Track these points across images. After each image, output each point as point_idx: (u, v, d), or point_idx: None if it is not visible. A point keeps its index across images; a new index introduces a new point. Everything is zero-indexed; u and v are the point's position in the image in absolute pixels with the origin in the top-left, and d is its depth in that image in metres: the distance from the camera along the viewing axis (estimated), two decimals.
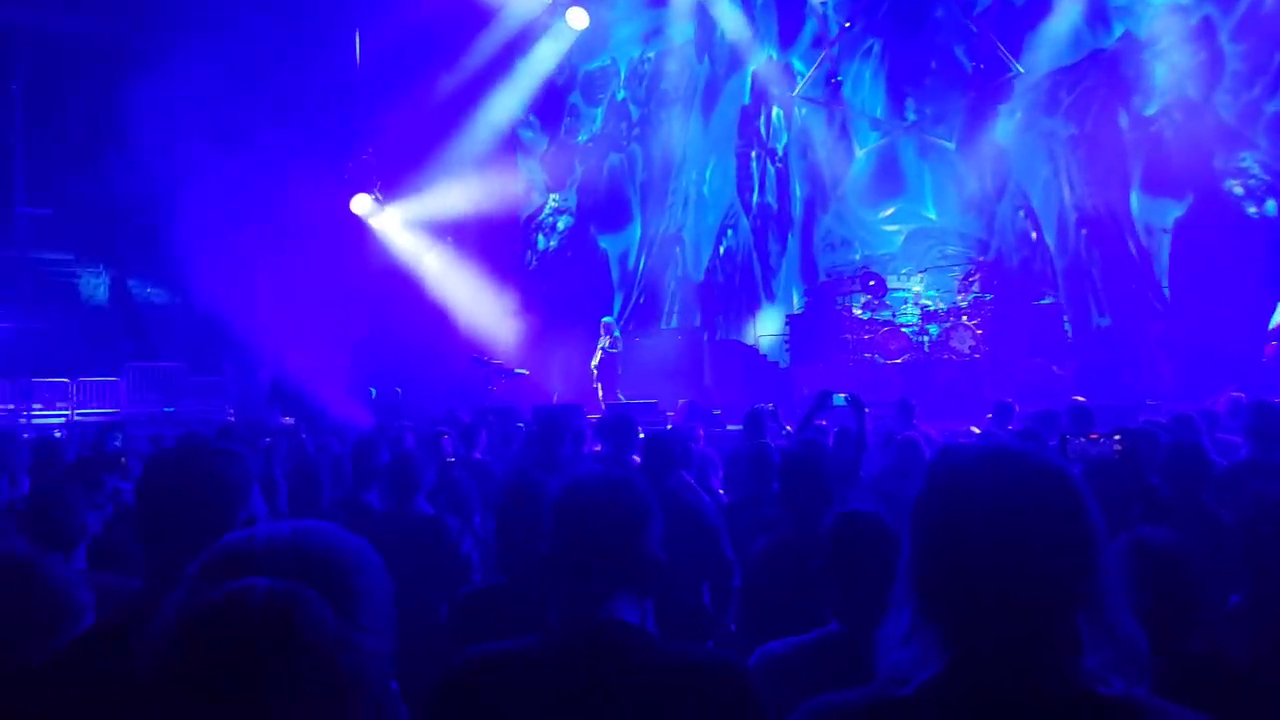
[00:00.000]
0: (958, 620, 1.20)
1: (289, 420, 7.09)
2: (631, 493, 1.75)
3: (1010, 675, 1.17)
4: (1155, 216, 14.81)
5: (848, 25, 16.51)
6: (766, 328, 16.68)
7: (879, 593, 2.19)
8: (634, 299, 17.89)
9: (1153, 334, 12.95)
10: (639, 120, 18.56)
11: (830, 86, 16.70)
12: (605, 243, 18.64)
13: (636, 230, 18.61)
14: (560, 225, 18.94)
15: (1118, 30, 15.33)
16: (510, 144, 17.81)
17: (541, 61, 17.18)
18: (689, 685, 1.58)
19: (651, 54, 18.40)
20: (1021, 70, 15.35)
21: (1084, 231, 15.32)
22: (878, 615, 2.15)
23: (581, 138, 18.77)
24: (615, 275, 18.59)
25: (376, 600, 1.04)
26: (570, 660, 1.61)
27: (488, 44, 16.04)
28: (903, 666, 1.23)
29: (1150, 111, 14.93)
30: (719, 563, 4.06)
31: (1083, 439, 3.58)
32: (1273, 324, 10.79)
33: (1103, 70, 15.35)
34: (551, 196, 18.75)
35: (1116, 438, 3.54)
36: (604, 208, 18.56)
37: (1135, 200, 15.01)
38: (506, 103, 16.94)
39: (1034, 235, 15.68)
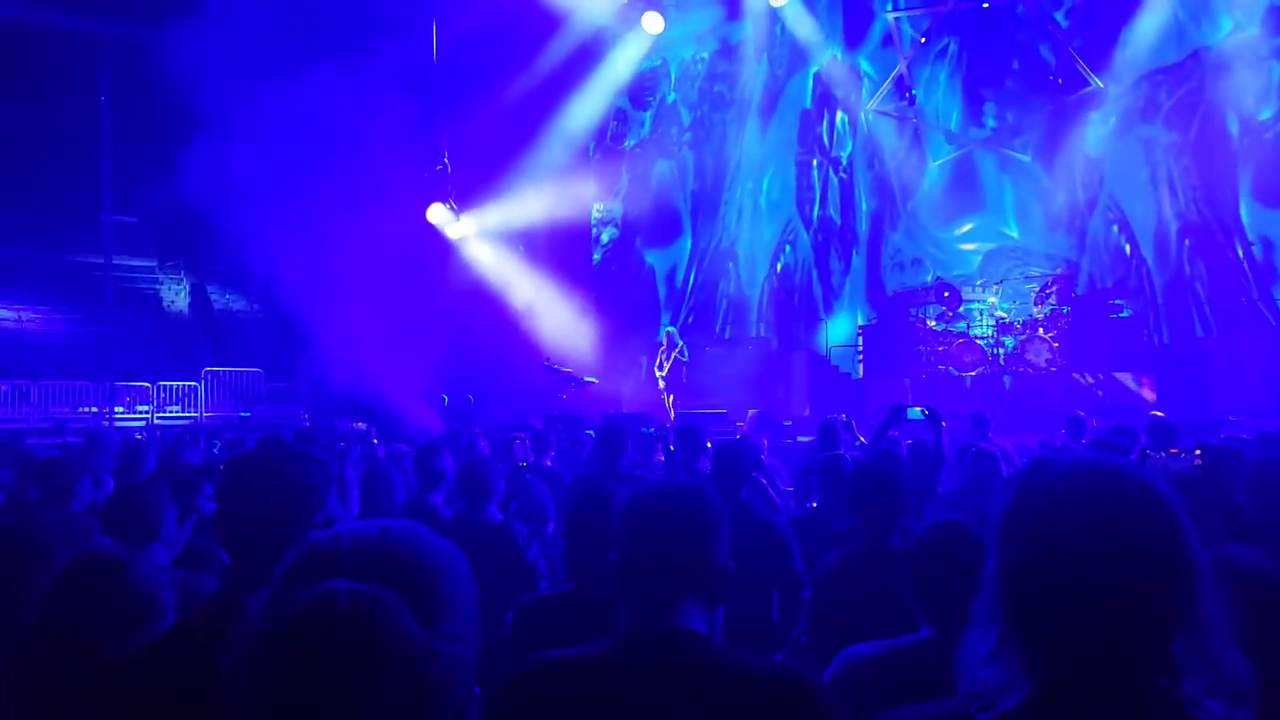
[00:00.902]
0: (1048, 641, 1.16)
1: (362, 426, 7.25)
2: (701, 501, 1.74)
3: (1104, 701, 1.13)
4: (1269, 226, 14.15)
5: (923, 40, 15.59)
6: (838, 337, 16.16)
7: (969, 601, 2.18)
8: (682, 319, 16.58)
9: (1246, 348, 12.45)
10: (691, 125, 17.51)
11: (904, 100, 15.82)
12: (652, 257, 17.70)
13: (686, 244, 17.55)
14: (604, 238, 17.89)
15: (1225, 25, 14.40)
16: (583, 152, 17.11)
17: (618, 68, 16.55)
18: (756, 695, 1.57)
19: (705, 54, 17.31)
20: (1101, 85, 14.66)
21: (1187, 242, 14.65)
22: (966, 624, 2.13)
23: (629, 143, 17.70)
24: (662, 293, 17.61)
25: (462, 605, 1.04)
26: (636, 667, 1.60)
27: (560, 49, 15.63)
28: (988, 685, 1.19)
29: (1266, 115, 14.20)
30: (789, 575, 4.03)
31: (1163, 454, 3.47)
32: None
33: (1209, 71, 14.47)
34: (595, 206, 17.71)
35: (1198, 452, 3.43)
36: (652, 219, 17.50)
37: (1245, 209, 14.34)
38: (581, 110, 16.34)
39: (1128, 249, 14.98)
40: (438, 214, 14.99)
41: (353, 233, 12.68)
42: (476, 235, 15.58)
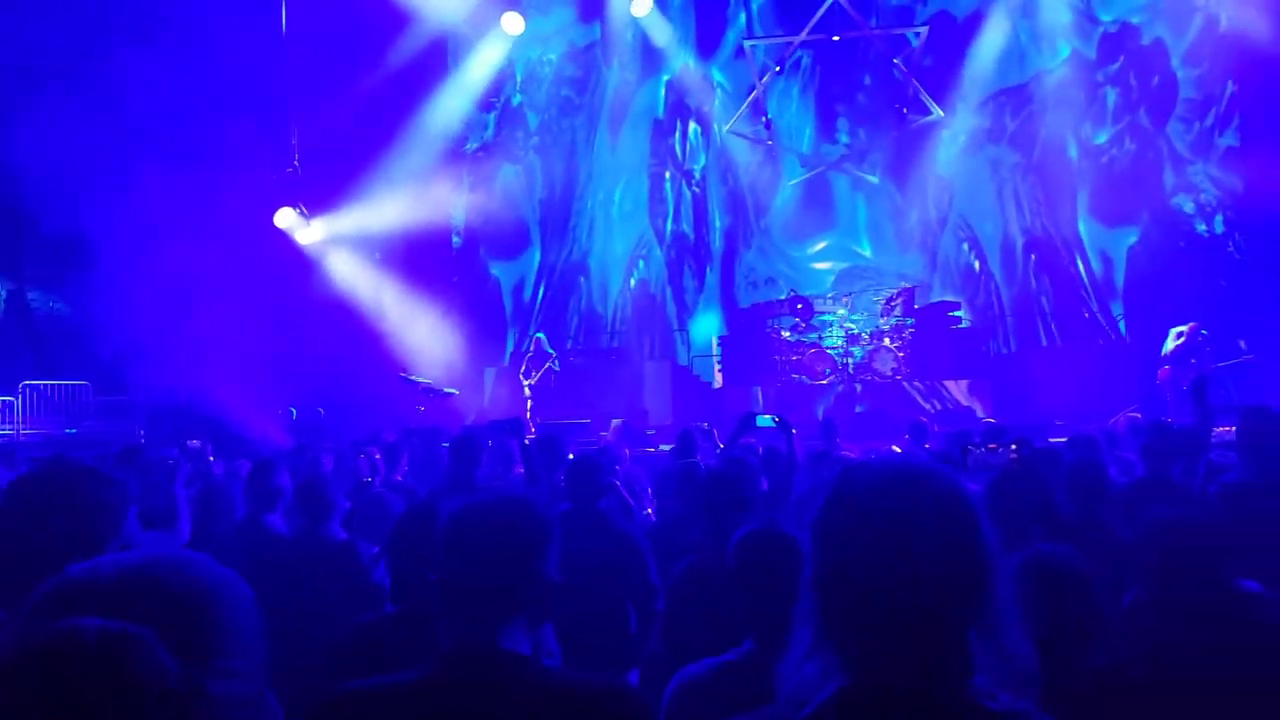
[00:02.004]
0: (854, 639, 1.20)
1: (196, 443, 6.87)
2: (525, 514, 1.68)
3: (903, 692, 1.18)
4: (1108, 244, 15.09)
5: (778, 70, 15.79)
6: (697, 347, 16.17)
7: (788, 610, 2.21)
8: (529, 339, 15.06)
9: (1084, 358, 13.39)
10: (538, 130, 16.73)
11: (760, 122, 15.97)
12: (498, 269, 16.92)
13: (535, 256, 16.80)
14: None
15: (1063, 50, 15.22)
16: (442, 155, 16.11)
17: (477, 69, 15.90)
18: (575, 714, 1.54)
19: (552, 56, 16.62)
20: (942, 114, 15.31)
21: (1033, 258, 15.46)
22: (787, 633, 2.15)
23: (470, 146, 16.68)
24: (509, 306, 16.86)
25: (243, 640, 0.97)
26: (452, 692, 1.55)
27: (415, 47, 14.95)
28: (803, 687, 1.23)
29: (1102, 140, 15.14)
30: (644, 586, 4.04)
31: (982, 449, 3.70)
32: (1165, 350, 11.28)
33: (1049, 94, 15.25)
34: (453, 212, 16.73)
35: (1014, 447, 3.66)
36: (497, 229, 16.63)
37: (1084, 227, 15.24)
38: (439, 112, 15.68)
39: (977, 265, 15.64)
40: (286, 218, 14.38)
41: (194, 236, 12.00)
42: (329, 241, 15.00)
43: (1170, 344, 11.32)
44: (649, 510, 5.95)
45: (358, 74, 14.31)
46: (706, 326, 16.45)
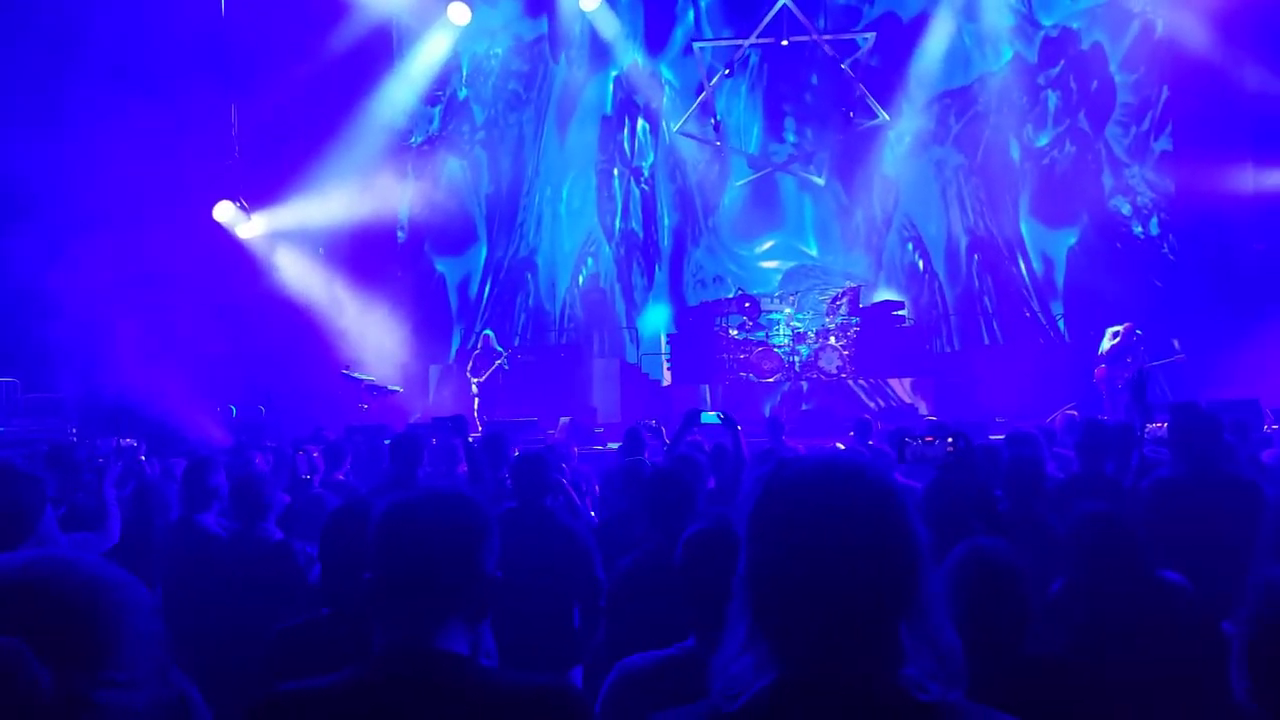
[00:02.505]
0: (786, 632, 1.21)
1: (129, 441, 6.66)
2: (462, 510, 1.63)
3: (834, 685, 1.19)
4: (1049, 245, 15.37)
5: (727, 73, 15.73)
6: (646, 344, 16.18)
7: (724, 604, 2.21)
8: (477, 336, 14.82)
9: (1024, 356, 13.67)
10: (484, 124, 16.46)
11: (708, 121, 15.96)
12: (443, 265, 16.57)
13: (481, 252, 16.57)
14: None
15: (1006, 54, 15.45)
16: (387, 148, 15.70)
17: (422, 60, 15.55)
18: (514, 714, 1.51)
19: (499, 50, 16.32)
20: (888, 118, 15.44)
21: (976, 258, 15.69)
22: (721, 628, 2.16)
23: (415, 140, 16.26)
24: (454, 303, 16.56)
25: (137, 646, 0.90)
26: (386, 694, 1.50)
27: (360, 37, 14.55)
28: (736, 680, 1.23)
29: (1043, 142, 15.41)
30: (589, 583, 4.03)
31: (919, 441, 3.76)
32: (1102, 349, 11.60)
33: (992, 96, 15.48)
34: (400, 207, 16.30)
35: (950, 439, 3.73)
36: (442, 224, 16.31)
37: (1026, 229, 15.50)
38: (382, 104, 15.28)
39: (922, 265, 15.82)
40: (226, 212, 14.06)
41: (130, 229, 11.66)
42: (271, 235, 14.69)
43: (1106, 343, 11.63)
44: (592, 512, 5.94)
45: (299, 62, 13.93)
46: (655, 324, 16.43)
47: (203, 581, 4.08)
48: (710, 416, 6.38)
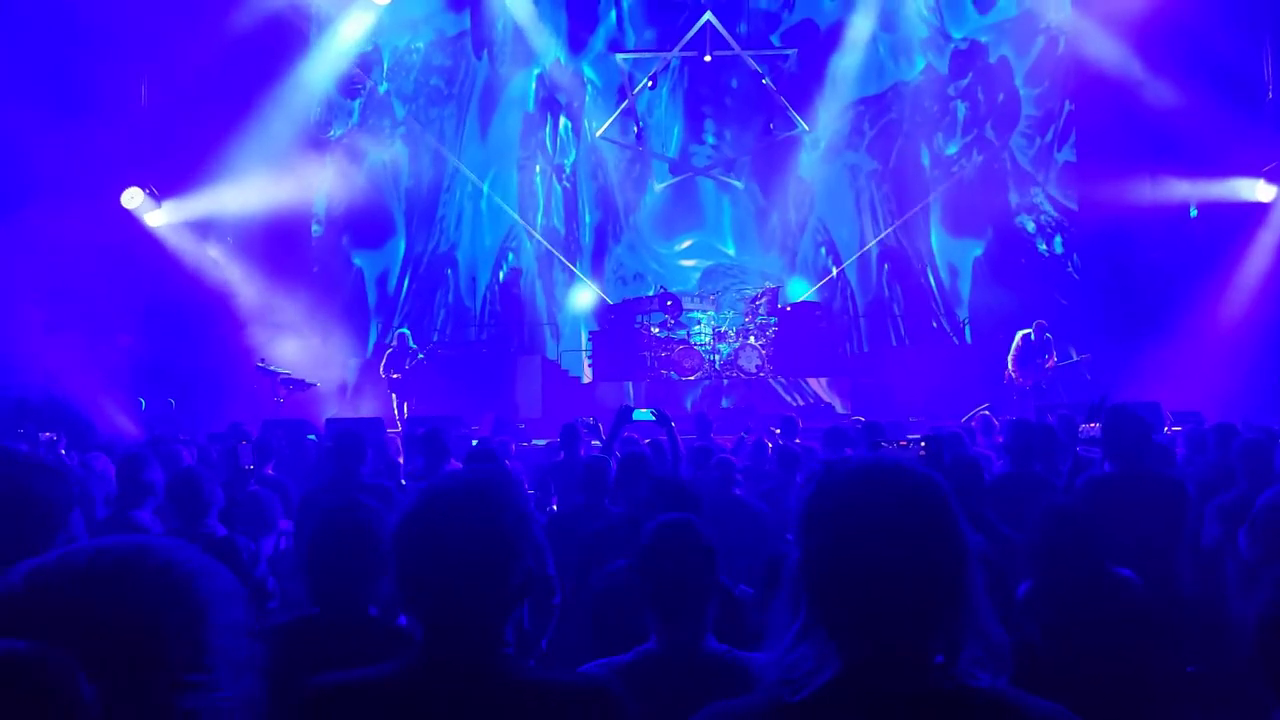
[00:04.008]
0: (850, 624, 1.26)
1: (50, 436, 6.34)
2: (502, 500, 1.59)
3: (901, 676, 1.25)
4: (955, 254, 15.81)
5: (650, 85, 15.89)
6: (566, 341, 16.15)
7: (694, 607, 2.22)
8: (395, 329, 14.88)
9: (930, 360, 14.10)
10: (404, 119, 16.30)
11: (631, 125, 16.05)
12: (360, 259, 16.32)
13: (400, 246, 16.34)
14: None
15: (919, 63, 15.84)
16: (303, 137, 15.30)
17: (340, 44, 15.11)
18: (562, 711, 1.54)
19: (420, 44, 16.16)
20: (807, 128, 15.72)
21: (886, 266, 16.02)
22: (693, 630, 2.18)
23: (334, 133, 15.95)
24: (372, 298, 16.29)
25: (219, 641, 0.84)
26: (432, 689, 1.51)
27: (264, 16, 13.86)
28: (795, 670, 1.27)
29: (952, 151, 15.89)
30: (540, 580, 4.01)
31: (894, 445, 3.90)
32: (1012, 351, 12.11)
33: (905, 104, 15.85)
34: (316, 198, 15.86)
35: (922, 443, 3.88)
36: (361, 218, 15.99)
37: (935, 237, 15.93)
38: (297, 92, 14.78)
39: (834, 270, 16.09)
40: (134, 199, 13.46)
41: (31, 217, 11.07)
42: (181, 224, 14.12)
43: (1017, 343, 12.18)
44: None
45: (209, 41, 13.32)
46: (571, 330, 16.42)
47: None
48: (643, 414, 6.44)
